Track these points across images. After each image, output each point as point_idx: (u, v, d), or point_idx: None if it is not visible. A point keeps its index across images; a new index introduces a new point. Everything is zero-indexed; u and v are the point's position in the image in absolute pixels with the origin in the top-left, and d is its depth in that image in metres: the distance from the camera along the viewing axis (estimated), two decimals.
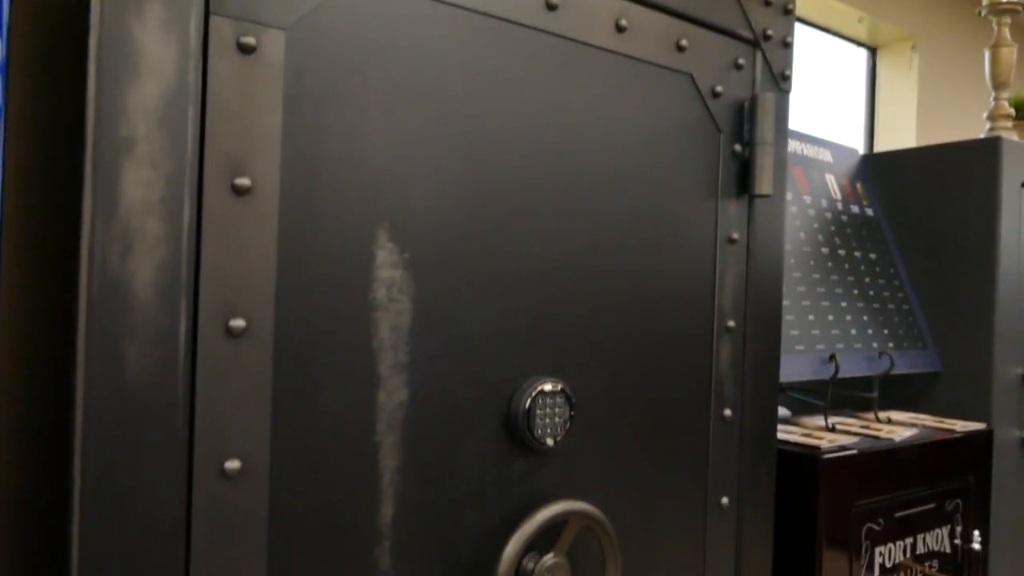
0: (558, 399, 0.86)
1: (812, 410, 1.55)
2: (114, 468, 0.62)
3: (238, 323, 0.67)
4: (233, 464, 0.67)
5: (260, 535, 0.69)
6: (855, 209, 1.71)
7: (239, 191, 0.67)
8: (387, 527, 0.77)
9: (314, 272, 0.72)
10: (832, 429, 1.39)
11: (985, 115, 1.88)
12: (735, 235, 1.07)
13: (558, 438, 0.86)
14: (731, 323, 1.07)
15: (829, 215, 1.63)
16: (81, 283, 0.61)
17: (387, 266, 0.76)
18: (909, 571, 1.35)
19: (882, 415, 1.54)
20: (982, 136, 1.82)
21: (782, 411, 1.58)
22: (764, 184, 1.07)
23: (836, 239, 1.60)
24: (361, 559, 0.76)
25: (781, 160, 1.11)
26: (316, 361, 0.72)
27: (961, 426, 1.50)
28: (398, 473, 0.77)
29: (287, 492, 0.71)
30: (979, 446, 1.49)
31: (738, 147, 1.07)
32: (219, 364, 0.67)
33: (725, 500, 1.07)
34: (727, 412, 1.06)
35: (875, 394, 1.52)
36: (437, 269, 0.80)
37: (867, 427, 1.42)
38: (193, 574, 0.66)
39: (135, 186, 0.63)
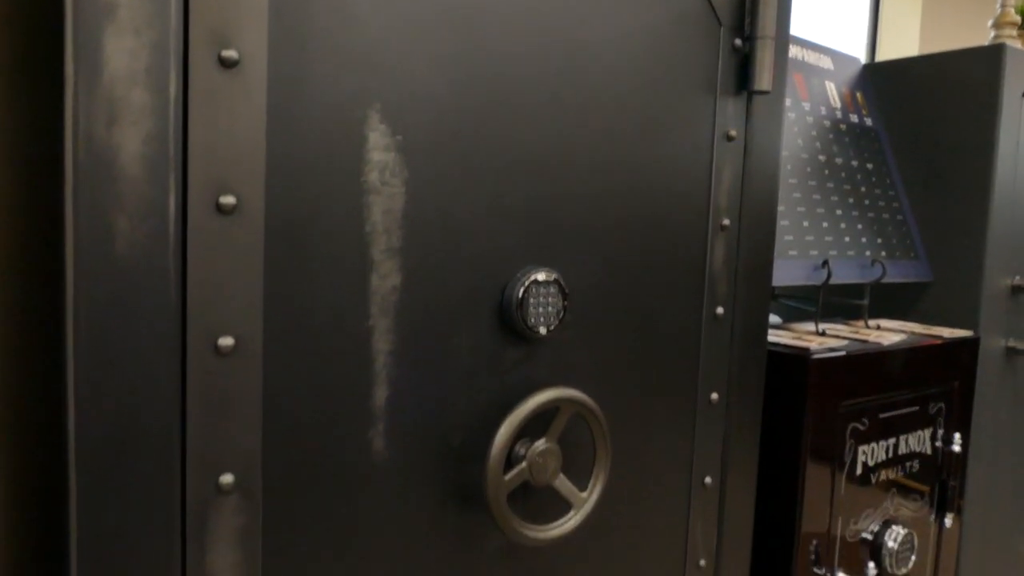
0: (551, 289, 0.86)
1: (803, 317, 1.57)
2: (107, 336, 0.62)
3: (228, 200, 0.66)
4: (227, 341, 0.67)
5: (255, 412, 0.70)
6: (854, 118, 1.69)
7: (226, 63, 0.66)
8: (380, 410, 0.78)
9: (305, 152, 0.71)
10: (822, 334, 1.40)
11: (990, 23, 1.84)
12: (733, 132, 1.05)
13: (551, 328, 0.87)
14: (726, 221, 1.06)
15: (828, 123, 1.61)
16: (67, 152, 0.59)
17: (379, 149, 0.75)
18: (891, 481, 1.39)
19: (871, 323, 1.56)
20: (986, 44, 1.78)
21: (773, 318, 1.59)
22: (764, 80, 1.05)
23: (834, 147, 1.58)
24: (355, 440, 0.77)
25: (782, 57, 1.09)
26: (308, 242, 0.72)
27: (949, 333, 1.52)
28: (391, 357, 0.78)
29: (281, 371, 0.71)
30: (965, 353, 1.51)
31: (738, 41, 1.04)
32: (210, 241, 0.66)
33: (715, 396, 1.08)
34: (719, 310, 1.07)
35: (866, 301, 1.53)
36: (430, 154, 0.79)
37: (856, 333, 1.44)
38: (190, 447, 0.67)
39: (119, 54, 0.61)
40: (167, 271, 0.64)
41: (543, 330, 0.86)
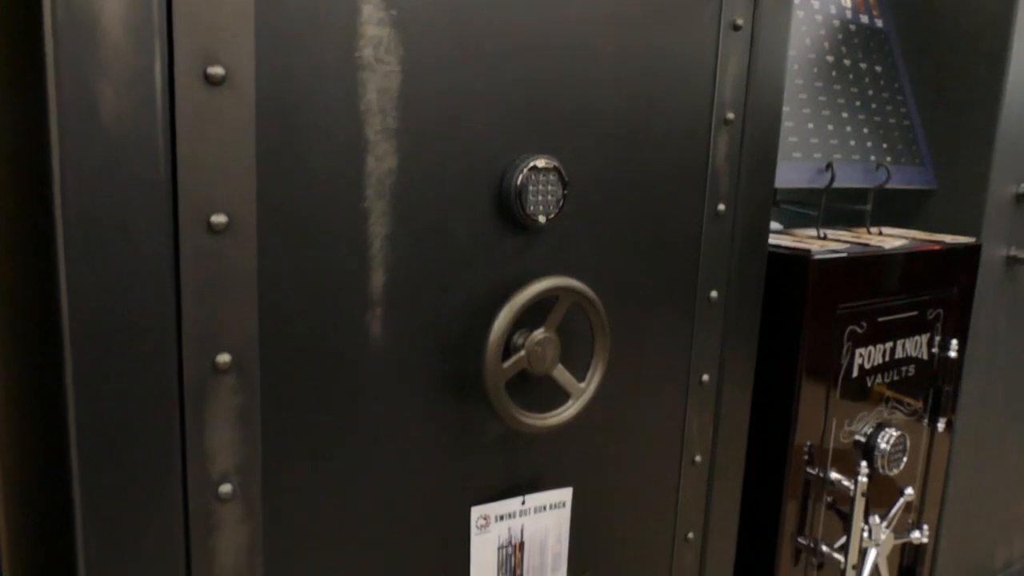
0: (551, 176, 0.84)
1: (804, 224, 1.55)
2: (97, 213, 0.61)
3: (216, 71, 0.64)
4: (219, 218, 0.66)
5: (250, 292, 0.69)
6: (864, 19, 1.64)
7: None
8: (377, 294, 0.77)
9: (295, 22, 0.68)
10: (823, 238, 1.39)
11: None
12: (739, 21, 1.02)
13: (550, 216, 0.85)
14: (730, 115, 1.03)
15: (837, 23, 1.55)
16: (45, 10, 0.57)
17: (373, 23, 0.72)
18: (886, 385, 1.40)
19: (873, 229, 1.55)
20: None
21: (774, 224, 1.58)
22: None
23: (842, 48, 1.54)
24: (353, 324, 0.76)
25: None
26: (301, 118, 0.69)
27: (950, 240, 1.51)
28: (388, 241, 0.77)
29: (276, 250, 0.70)
30: (966, 259, 1.50)
31: None
32: (199, 112, 0.64)
33: (714, 294, 1.08)
34: (721, 207, 1.05)
35: (868, 207, 1.51)
36: (426, 32, 0.76)
37: (858, 238, 1.42)
38: (185, 326, 0.66)
39: None
40: (155, 143, 0.62)
41: (542, 219, 0.85)
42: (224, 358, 0.68)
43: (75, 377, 0.64)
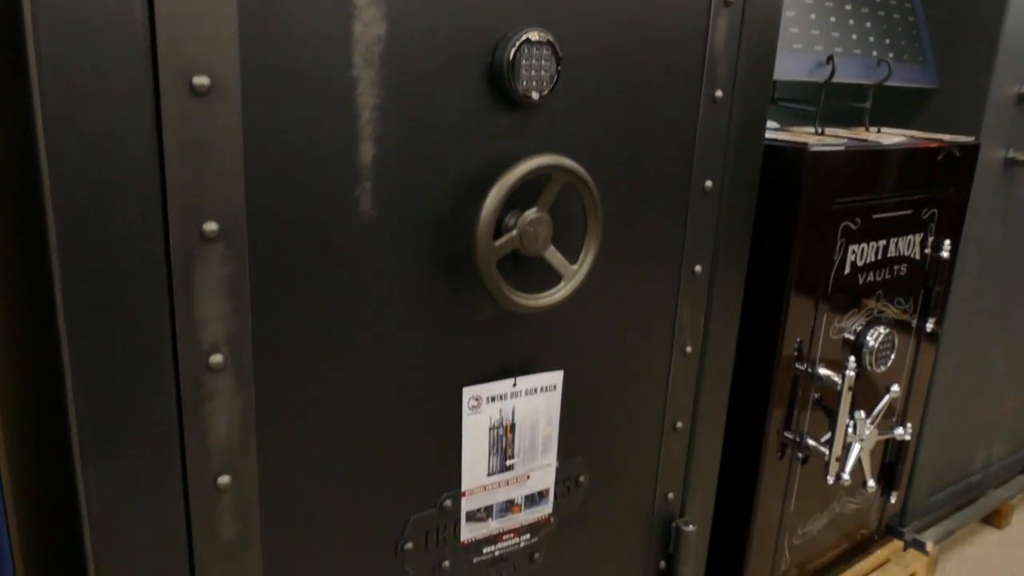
0: (544, 51, 0.82)
1: (802, 122, 1.53)
2: (74, 70, 0.59)
3: None
4: (202, 80, 0.64)
5: (236, 159, 0.67)
6: None
7: None
8: (367, 167, 0.76)
9: None
10: (821, 133, 1.37)
11: None
12: None
13: (543, 93, 0.83)
14: None
15: None
16: None
17: None
18: (878, 283, 1.40)
19: (872, 128, 1.52)
20: None
21: (771, 123, 1.55)
22: None
23: None
24: (342, 197, 0.75)
25: None
26: None
27: (949, 139, 1.49)
28: (377, 112, 0.75)
29: (262, 117, 0.68)
30: (964, 159, 1.48)
31: None
32: None
33: (709, 183, 1.06)
34: (718, 93, 1.03)
35: (868, 105, 1.49)
36: None
37: (856, 135, 1.40)
38: (170, 192, 0.65)
39: None
40: (133, 6, 0.60)
41: (535, 95, 0.83)
42: (211, 226, 0.67)
43: (60, 248, 0.63)
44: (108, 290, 0.65)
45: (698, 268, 1.10)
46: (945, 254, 1.49)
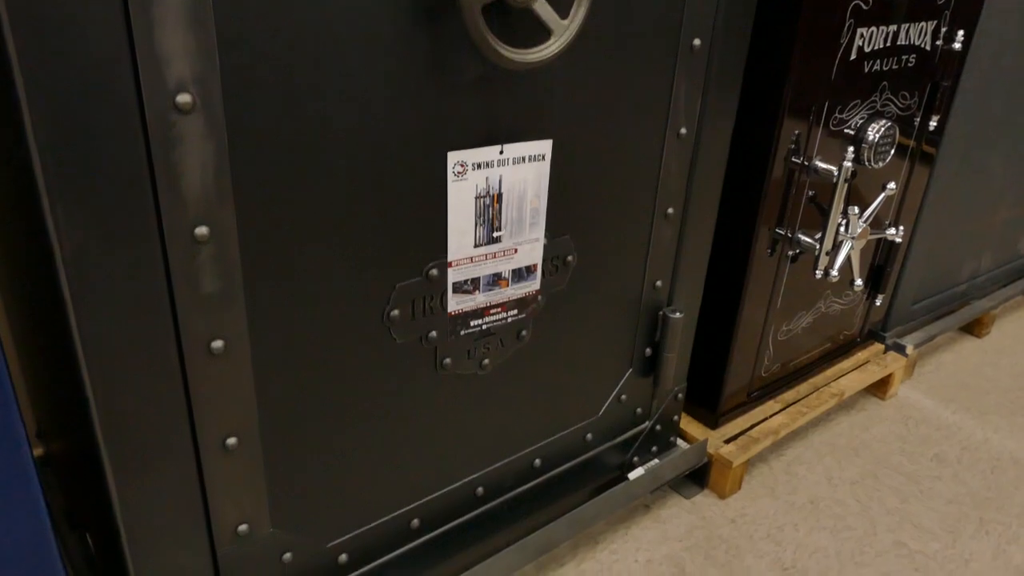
0: None
1: None
2: None
3: None
4: None
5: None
6: None
7: None
8: None
9: None
10: None
11: None
12: None
13: None
14: None
15: None
16: None
17: None
18: (884, 72, 1.33)
19: None
20: None
21: None
22: None
23: None
24: None
25: None
26: None
27: None
28: None
29: None
30: None
31: None
32: None
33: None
34: None
35: None
36: None
37: None
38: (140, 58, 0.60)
39: None
40: None
41: None
42: (185, 98, 0.64)
43: (29, 102, 0.60)
44: (87, 150, 0.63)
45: (697, 41, 1.04)
46: (957, 46, 1.42)
